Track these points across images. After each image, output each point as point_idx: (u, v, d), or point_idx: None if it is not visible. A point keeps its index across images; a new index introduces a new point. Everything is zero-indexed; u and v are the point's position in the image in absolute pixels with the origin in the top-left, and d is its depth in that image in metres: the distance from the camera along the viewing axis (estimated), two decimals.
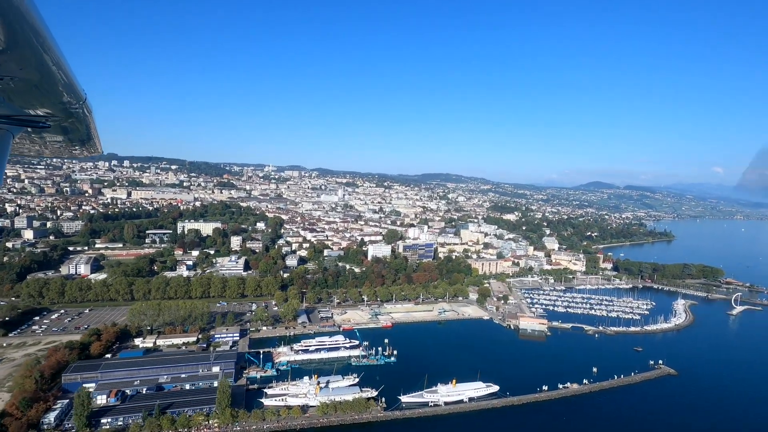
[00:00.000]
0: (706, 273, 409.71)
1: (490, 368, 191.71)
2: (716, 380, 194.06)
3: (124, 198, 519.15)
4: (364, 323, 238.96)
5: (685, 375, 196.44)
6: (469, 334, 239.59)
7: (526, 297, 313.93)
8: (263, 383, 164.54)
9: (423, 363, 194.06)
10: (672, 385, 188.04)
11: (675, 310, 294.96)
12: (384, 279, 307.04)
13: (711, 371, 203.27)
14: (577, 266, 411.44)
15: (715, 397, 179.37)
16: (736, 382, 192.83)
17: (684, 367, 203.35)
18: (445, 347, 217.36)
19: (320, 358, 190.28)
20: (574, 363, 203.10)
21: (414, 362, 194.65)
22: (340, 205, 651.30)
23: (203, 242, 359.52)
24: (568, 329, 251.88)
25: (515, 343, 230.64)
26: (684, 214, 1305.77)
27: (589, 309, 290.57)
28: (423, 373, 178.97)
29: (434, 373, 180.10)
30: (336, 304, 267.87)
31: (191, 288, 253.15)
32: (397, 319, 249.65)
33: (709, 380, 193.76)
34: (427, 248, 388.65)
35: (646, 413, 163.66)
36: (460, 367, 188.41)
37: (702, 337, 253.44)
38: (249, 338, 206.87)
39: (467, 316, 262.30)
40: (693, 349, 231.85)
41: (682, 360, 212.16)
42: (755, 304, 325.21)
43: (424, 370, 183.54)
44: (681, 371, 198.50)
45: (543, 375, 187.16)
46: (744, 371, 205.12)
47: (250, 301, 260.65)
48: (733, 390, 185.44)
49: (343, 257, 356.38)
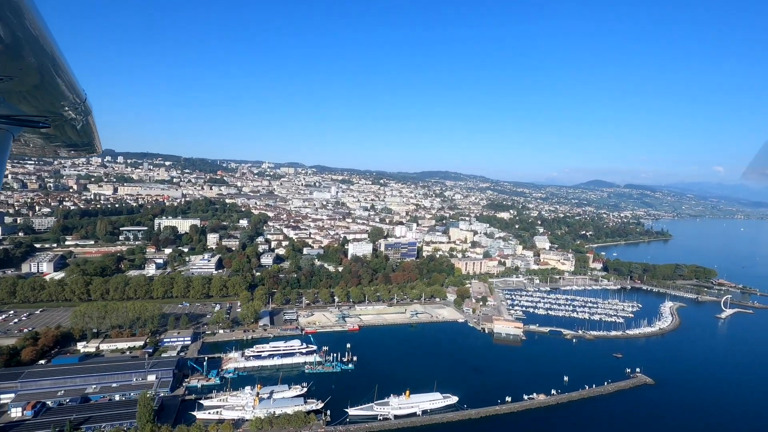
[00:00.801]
0: (699, 274, 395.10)
1: (455, 376, 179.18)
2: (695, 390, 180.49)
3: (110, 194, 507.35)
4: (329, 326, 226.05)
5: (662, 384, 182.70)
6: (440, 338, 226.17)
7: (508, 298, 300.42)
8: (204, 393, 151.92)
9: (384, 370, 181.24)
10: (647, 395, 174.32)
11: (661, 313, 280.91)
12: (360, 279, 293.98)
13: (691, 380, 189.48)
14: (565, 266, 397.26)
15: (692, 408, 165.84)
16: (716, 393, 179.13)
17: (663, 375, 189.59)
18: (411, 353, 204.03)
19: (272, 364, 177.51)
20: (546, 371, 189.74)
21: (374, 369, 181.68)
22: (331, 203, 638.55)
23: (179, 240, 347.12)
24: (546, 333, 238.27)
25: (488, 349, 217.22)
26: (684, 213, 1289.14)
27: (571, 311, 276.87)
28: (382, 382, 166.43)
29: (394, 381, 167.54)
30: (305, 305, 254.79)
31: (153, 288, 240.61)
32: (366, 321, 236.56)
33: (687, 390, 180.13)
34: (410, 247, 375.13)
35: (613, 427, 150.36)
36: (423, 375, 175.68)
37: (687, 342, 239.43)
38: (202, 342, 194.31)
39: (441, 319, 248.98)
40: (675, 356, 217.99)
41: (662, 368, 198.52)
42: (746, 307, 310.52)
43: (383, 379, 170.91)
44: (659, 380, 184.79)
45: (510, 384, 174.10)
46: (726, 380, 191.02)
47: (216, 301, 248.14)
48: (712, 401, 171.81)
49: (322, 256, 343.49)
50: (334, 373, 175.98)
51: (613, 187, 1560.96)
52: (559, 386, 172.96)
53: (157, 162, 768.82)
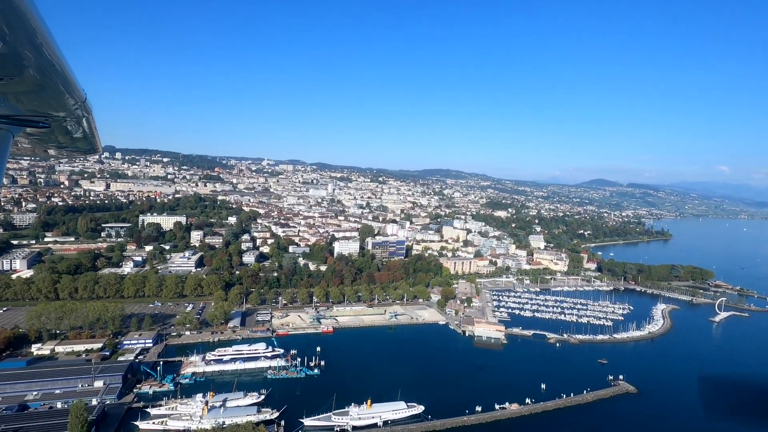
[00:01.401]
0: (695, 275, 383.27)
1: (427, 383, 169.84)
2: (679, 399, 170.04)
3: (101, 190, 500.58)
4: (303, 328, 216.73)
5: (645, 393, 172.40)
6: (418, 341, 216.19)
7: (495, 299, 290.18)
8: (155, 400, 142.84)
9: (352, 376, 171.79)
10: (628, 405, 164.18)
11: (652, 316, 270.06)
12: (343, 278, 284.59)
13: (676, 388, 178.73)
14: (558, 266, 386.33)
15: (674, 419, 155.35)
16: (702, 402, 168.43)
17: (647, 383, 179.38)
18: (384, 357, 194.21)
19: (234, 369, 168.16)
20: (524, 377, 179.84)
21: (342, 375, 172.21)
22: (327, 200, 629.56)
23: (162, 237, 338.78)
24: (529, 337, 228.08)
25: (467, 353, 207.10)
26: (687, 213, 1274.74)
27: (559, 313, 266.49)
28: (349, 389, 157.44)
29: (361, 388, 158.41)
30: (282, 305, 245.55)
31: (124, 287, 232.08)
32: (343, 323, 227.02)
33: (671, 399, 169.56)
34: (399, 245, 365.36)
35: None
36: (393, 381, 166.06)
37: (676, 347, 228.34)
38: (165, 345, 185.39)
39: (421, 321, 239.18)
40: (662, 362, 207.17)
41: (647, 375, 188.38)
42: (742, 310, 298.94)
43: (349, 385, 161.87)
44: (642, 388, 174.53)
45: (483, 392, 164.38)
46: (714, 389, 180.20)
47: (190, 301, 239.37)
48: (695, 411, 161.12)
49: (308, 254, 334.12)
50: (298, 379, 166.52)
51: (616, 186, 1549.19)
52: (535, 395, 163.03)
53: (155, 158, 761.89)
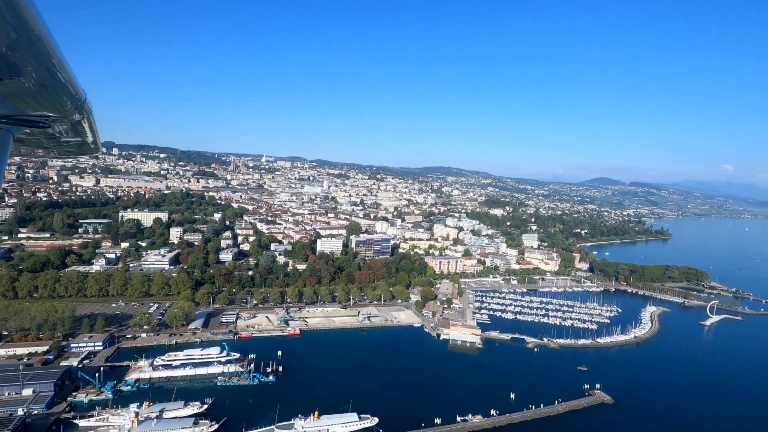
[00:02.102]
0: (690, 276, 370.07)
1: (388, 391, 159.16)
2: (659, 411, 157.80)
3: (90, 186, 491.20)
4: (269, 330, 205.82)
5: (622, 403, 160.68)
6: (389, 345, 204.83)
7: (478, 300, 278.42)
8: (90, 410, 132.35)
9: (309, 383, 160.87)
10: (602, 416, 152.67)
11: (640, 319, 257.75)
12: (320, 277, 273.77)
13: (657, 399, 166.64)
14: (548, 266, 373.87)
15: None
16: (683, 414, 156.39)
17: (626, 392, 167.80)
18: (350, 362, 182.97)
19: (184, 375, 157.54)
20: (494, 386, 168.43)
21: (299, 382, 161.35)
22: (321, 197, 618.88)
23: (140, 234, 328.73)
24: (507, 341, 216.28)
25: (439, 358, 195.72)
26: (689, 212, 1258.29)
27: (543, 316, 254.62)
28: (303, 398, 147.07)
29: (316, 397, 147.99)
30: (252, 306, 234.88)
31: (87, 285, 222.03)
32: (313, 325, 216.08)
33: (648, 410, 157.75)
34: (384, 243, 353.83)
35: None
36: (355, 389, 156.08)
37: (662, 353, 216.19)
38: (118, 348, 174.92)
39: (396, 323, 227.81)
40: (646, 369, 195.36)
41: (627, 383, 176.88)
42: (735, 313, 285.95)
43: (305, 394, 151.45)
44: (619, 398, 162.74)
45: (448, 401, 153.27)
46: (698, 399, 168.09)
47: (157, 300, 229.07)
48: (675, 425, 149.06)
49: (289, 252, 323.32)
50: (250, 387, 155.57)
51: (618, 185, 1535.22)
52: (503, 405, 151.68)
53: (152, 154, 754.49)
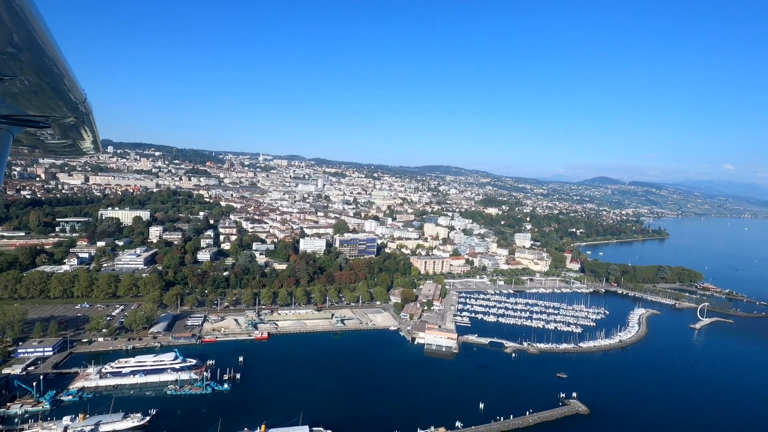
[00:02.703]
0: (683, 277, 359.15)
1: (351, 401, 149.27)
2: (636, 422, 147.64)
3: (78, 184, 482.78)
4: (235, 334, 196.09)
5: (598, 414, 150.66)
6: (360, 349, 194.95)
7: (461, 302, 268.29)
8: (24, 422, 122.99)
9: (267, 392, 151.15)
10: (574, 429, 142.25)
11: (627, 322, 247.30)
12: (298, 278, 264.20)
13: (636, 409, 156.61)
14: (538, 266, 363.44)
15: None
16: (661, 428, 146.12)
17: (603, 401, 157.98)
18: (315, 368, 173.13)
19: (133, 383, 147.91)
20: (465, 394, 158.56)
21: (257, 391, 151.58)
22: (314, 195, 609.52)
23: (118, 233, 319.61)
24: (485, 345, 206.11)
25: (411, 364, 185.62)
26: (689, 212, 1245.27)
27: (526, 318, 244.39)
28: (256, 408, 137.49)
29: (272, 408, 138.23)
30: (224, 307, 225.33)
31: (50, 286, 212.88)
32: (283, 328, 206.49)
33: (624, 422, 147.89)
34: (369, 243, 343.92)
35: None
36: (315, 398, 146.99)
37: (648, 358, 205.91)
38: (70, 353, 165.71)
39: (371, 327, 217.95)
40: (628, 376, 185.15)
41: (606, 391, 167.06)
42: (727, 316, 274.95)
43: (259, 404, 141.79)
44: (596, 408, 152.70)
45: (413, 411, 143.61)
46: (679, 410, 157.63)
47: (125, 302, 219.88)
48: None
49: (271, 252, 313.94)
50: (202, 396, 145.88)
51: (618, 184, 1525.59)
52: (470, 416, 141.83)
53: (148, 152, 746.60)
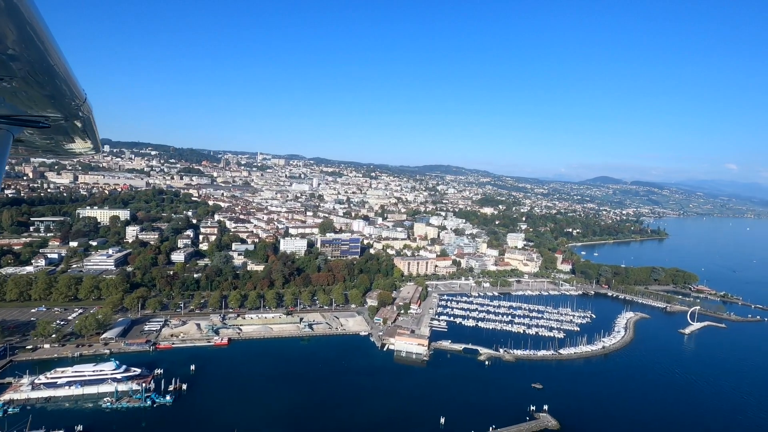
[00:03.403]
0: (677, 278, 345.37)
1: (302, 415, 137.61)
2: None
3: (66, 183, 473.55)
4: (194, 339, 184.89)
5: (568, 429, 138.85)
6: (327, 356, 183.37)
7: (442, 304, 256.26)
8: None
9: (213, 406, 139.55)
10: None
11: (614, 327, 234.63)
12: (273, 280, 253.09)
13: (611, 423, 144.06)
14: (528, 267, 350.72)
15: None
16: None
17: (576, 415, 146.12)
18: (272, 378, 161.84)
19: (68, 395, 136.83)
20: (427, 407, 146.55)
21: (202, 405, 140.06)
22: (307, 195, 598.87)
23: (94, 232, 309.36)
24: (459, 352, 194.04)
25: (378, 372, 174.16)
26: (691, 212, 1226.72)
27: (507, 323, 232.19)
28: (198, 425, 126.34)
29: (216, 424, 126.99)
30: (189, 311, 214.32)
31: (6, 288, 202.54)
32: (247, 333, 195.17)
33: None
34: (353, 243, 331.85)
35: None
36: (262, 413, 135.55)
37: (632, 366, 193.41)
38: (10, 361, 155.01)
39: (340, 332, 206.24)
40: (608, 386, 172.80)
41: (582, 403, 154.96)
42: (720, 320, 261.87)
43: (202, 420, 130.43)
44: (567, 423, 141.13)
45: (367, 428, 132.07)
46: (656, 426, 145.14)
47: (86, 305, 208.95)
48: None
49: (251, 252, 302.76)
50: (139, 410, 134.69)
51: (620, 184, 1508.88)
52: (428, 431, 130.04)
53: (144, 151, 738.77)
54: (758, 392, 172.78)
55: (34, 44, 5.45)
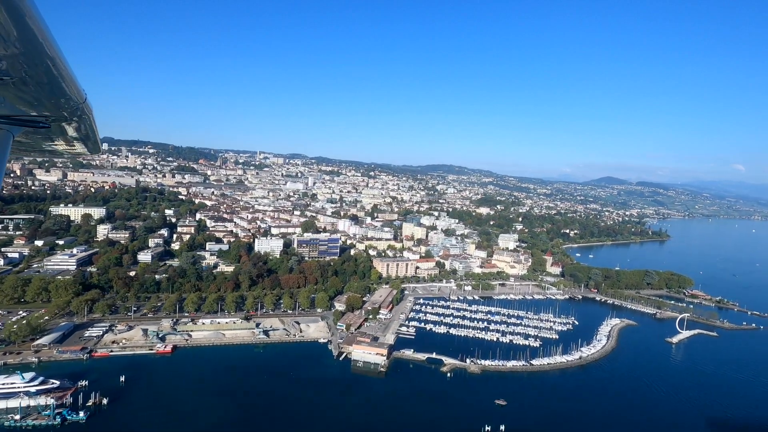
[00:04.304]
0: (671, 282, 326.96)
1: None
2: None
3: (53, 180, 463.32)
4: (135, 347, 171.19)
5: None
6: (279, 366, 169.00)
7: (415, 309, 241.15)
8: None
9: (135, 424, 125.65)
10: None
11: (596, 334, 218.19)
12: (239, 282, 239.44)
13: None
14: (515, 269, 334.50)
15: None
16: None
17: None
18: (213, 391, 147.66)
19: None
20: (378, 425, 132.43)
21: (123, 421, 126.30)
22: (300, 194, 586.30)
23: (66, 230, 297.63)
24: (422, 362, 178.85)
25: (331, 385, 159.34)
26: (697, 213, 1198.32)
27: (481, 329, 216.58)
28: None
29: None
30: (141, 315, 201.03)
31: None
32: (196, 340, 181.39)
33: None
34: (331, 244, 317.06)
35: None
36: None
37: (608, 380, 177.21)
38: None
39: (298, 339, 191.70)
40: (579, 402, 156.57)
41: (544, 424, 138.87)
42: (711, 328, 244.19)
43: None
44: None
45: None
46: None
47: (33, 308, 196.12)
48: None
49: (224, 252, 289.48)
50: (49, 428, 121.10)
51: (625, 185, 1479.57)
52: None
53: (143, 150, 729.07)
54: (742, 408, 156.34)
55: (34, 44, 5.34)
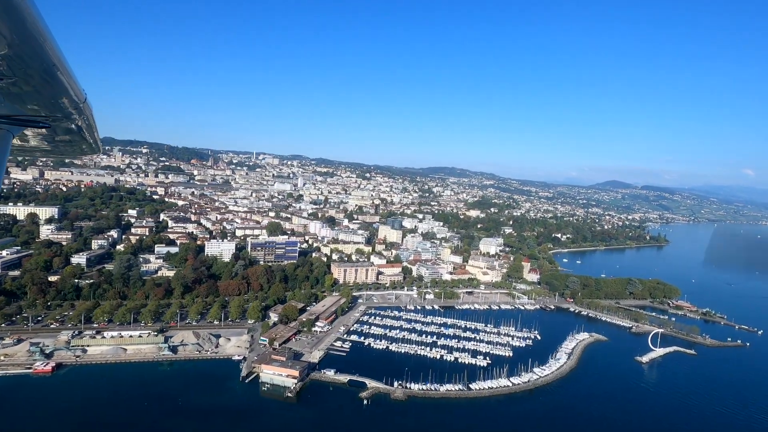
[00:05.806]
0: (656, 292, 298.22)
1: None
2: None
3: (27, 179, 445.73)
4: (13, 365, 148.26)
5: None
6: (180, 388, 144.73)
7: (362, 320, 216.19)
8: None
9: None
10: None
11: (557, 352, 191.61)
12: (171, 289, 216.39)
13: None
14: (488, 276, 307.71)
15: None
16: None
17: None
18: (87, 423, 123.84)
19: None
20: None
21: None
22: (285, 194, 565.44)
23: (8, 231, 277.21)
24: (343, 385, 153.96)
25: (230, 413, 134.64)
26: (702, 218, 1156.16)
27: (427, 345, 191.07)
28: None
29: None
30: (42, 327, 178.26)
31: None
32: (91, 356, 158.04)
33: None
34: (289, 247, 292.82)
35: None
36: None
37: (560, 408, 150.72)
38: None
39: (210, 355, 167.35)
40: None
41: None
42: (690, 344, 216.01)
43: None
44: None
45: None
46: None
47: None
48: None
49: (172, 255, 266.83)
50: None
51: (630, 188, 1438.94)
52: None
53: (137, 149, 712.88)
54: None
55: (34, 44, 5.24)
